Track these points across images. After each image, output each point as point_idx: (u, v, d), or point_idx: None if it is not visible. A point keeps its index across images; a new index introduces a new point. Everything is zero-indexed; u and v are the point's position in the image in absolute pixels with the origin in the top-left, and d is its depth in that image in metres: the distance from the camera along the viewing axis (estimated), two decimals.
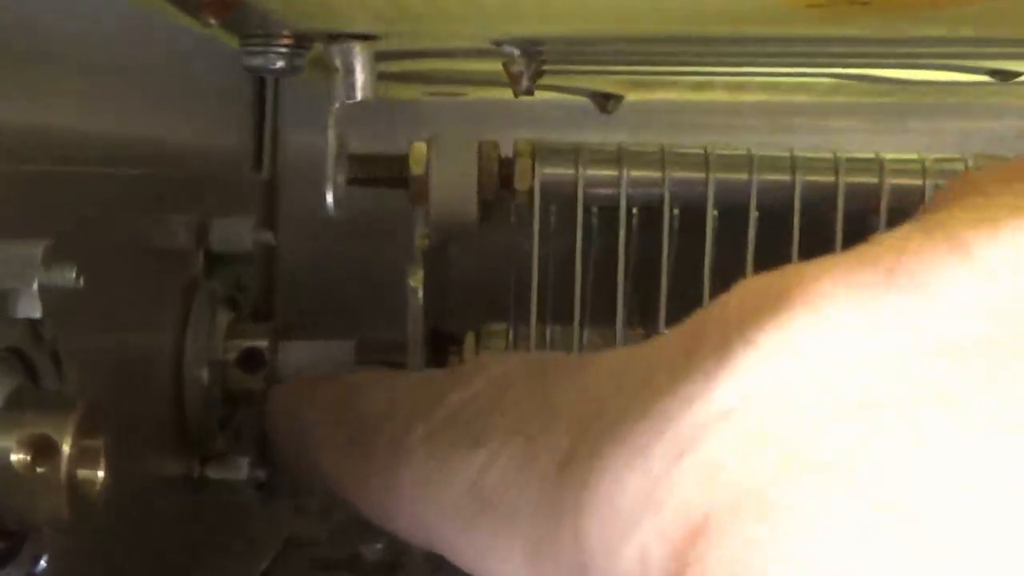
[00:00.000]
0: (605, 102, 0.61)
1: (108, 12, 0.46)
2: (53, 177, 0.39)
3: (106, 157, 0.46)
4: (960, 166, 0.46)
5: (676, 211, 0.47)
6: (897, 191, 0.46)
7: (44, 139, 0.40)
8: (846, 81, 0.54)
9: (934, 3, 0.29)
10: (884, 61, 0.42)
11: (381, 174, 0.46)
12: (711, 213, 0.46)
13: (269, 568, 0.58)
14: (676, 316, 0.51)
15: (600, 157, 0.46)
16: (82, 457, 0.31)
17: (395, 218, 0.70)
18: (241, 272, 0.58)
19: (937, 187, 0.46)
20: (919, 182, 0.46)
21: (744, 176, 0.46)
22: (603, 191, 0.46)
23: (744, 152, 0.47)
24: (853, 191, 0.46)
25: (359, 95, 0.37)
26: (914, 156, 0.47)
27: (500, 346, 0.53)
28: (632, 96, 0.61)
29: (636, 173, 0.46)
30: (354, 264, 0.70)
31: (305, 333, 0.58)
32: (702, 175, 0.46)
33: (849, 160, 0.47)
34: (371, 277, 0.71)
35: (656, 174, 0.46)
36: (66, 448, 0.30)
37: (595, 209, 0.48)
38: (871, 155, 0.47)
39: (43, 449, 0.30)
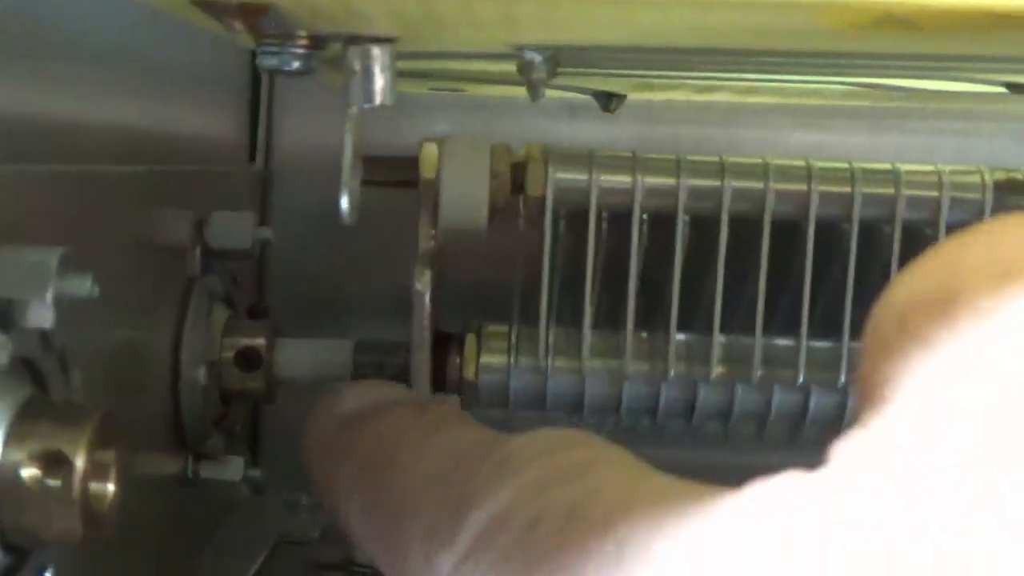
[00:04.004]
0: (609, 101, 0.61)
1: (101, 5, 0.45)
2: (56, 174, 0.38)
3: (103, 152, 0.45)
4: (976, 178, 0.45)
5: (687, 218, 0.47)
6: (913, 203, 0.46)
7: (44, 134, 0.39)
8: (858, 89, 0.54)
9: (981, 27, 0.28)
10: (907, 73, 0.41)
11: (391, 177, 0.45)
12: (725, 220, 0.45)
13: (261, 568, 0.57)
14: (685, 322, 0.51)
15: (613, 163, 0.46)
16: (95, 471, 0.30)
17: (390, 214, 0.69)
18: (237, 268, 0.57)
19: (952, 199, 0.46)
20: (935, 194, 0.46)
21: (759, 185, 0.45)
22: (615, 198, 0.46)
23: (759, 160, 0.46)
24: (869, 201, 0.46)
25: (377, 100, 0.37)
26: (931, 168, 0.46)
27: (501, 347, 0.53)
28: (635, 95, 0.60)
29: (650, 180, 0.45)
30: (347, 260, 0.69)
31: (296, 330, 0.57)
32: (717, 183, 0.45)
33: (865, 171, 0.46)
34: (364, 273, 0.70)
35: (670, 181, 0.45)
36: (79, 462, 0.29)
37: (604, 213, 0.48)
38: (888, 166, 0.46)
39: (55, 463, 0.29)
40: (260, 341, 0.54)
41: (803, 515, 0.20)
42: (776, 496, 0.21)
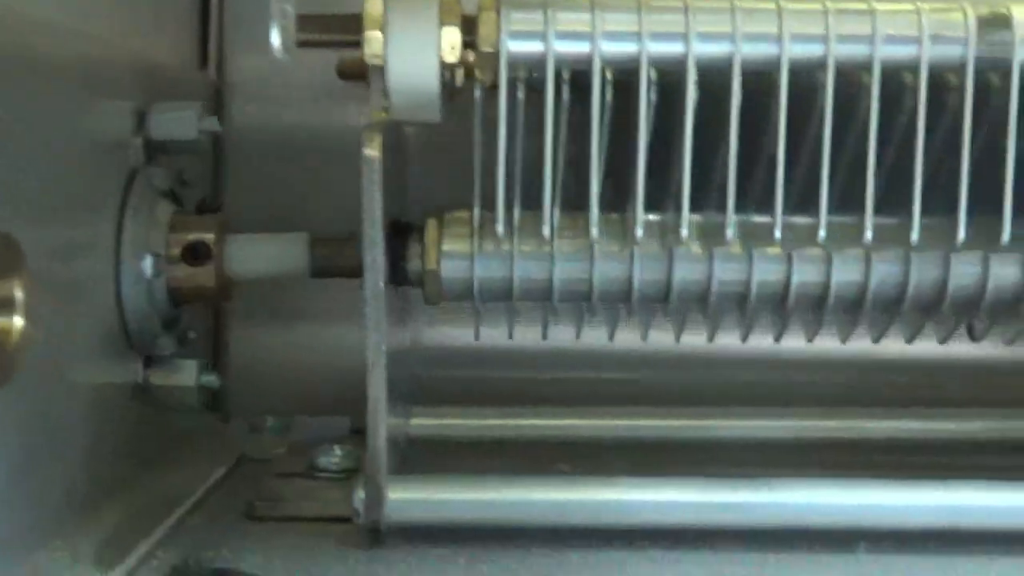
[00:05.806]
0: None
1: None
2: None
3: (34, 38, 0.42)
4: (958, 16, 0.42)
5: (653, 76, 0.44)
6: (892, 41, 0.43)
7: None
8: None
9: None
10: None
11: (330, 36, 0.41)
12: (692, 77, 0.42)
13: (222, 480, 0.54)
14: (652, 200, 0.48)
15: (572, 6, 0.42)
16: None
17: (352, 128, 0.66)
18: (184, 164, 0.54)
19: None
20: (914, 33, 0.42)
21: (727, 31, 0.42)
22: (575, 52, 0.42)
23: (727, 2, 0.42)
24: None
25: None
26: (910, 6, 0.43)
27: (465, 233, 0.50)
28: None
29: (612, 28, 0.42)
30: (306, 169, 0.67)
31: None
32: (681, 31, 0.42)
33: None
34: (323, 189, 0.67)
35: (636, 29, 0.42)
36: None
37: (565, 75, 0.44)
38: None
39: None
40: (208, 235, 0.51)
41: None
42: None
